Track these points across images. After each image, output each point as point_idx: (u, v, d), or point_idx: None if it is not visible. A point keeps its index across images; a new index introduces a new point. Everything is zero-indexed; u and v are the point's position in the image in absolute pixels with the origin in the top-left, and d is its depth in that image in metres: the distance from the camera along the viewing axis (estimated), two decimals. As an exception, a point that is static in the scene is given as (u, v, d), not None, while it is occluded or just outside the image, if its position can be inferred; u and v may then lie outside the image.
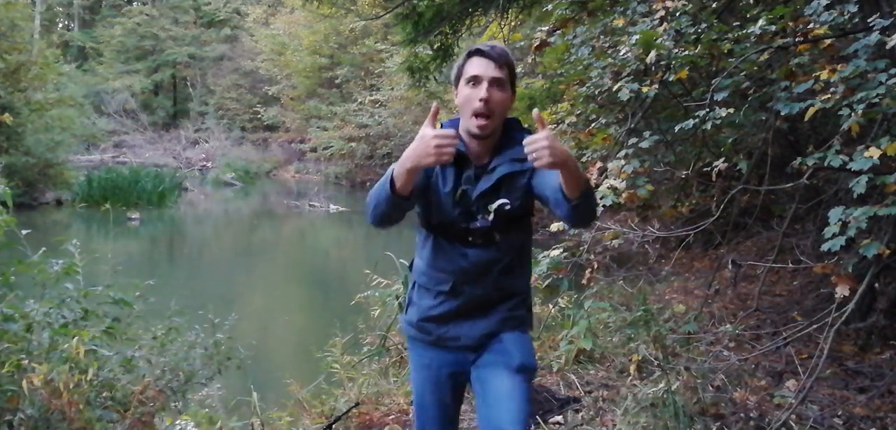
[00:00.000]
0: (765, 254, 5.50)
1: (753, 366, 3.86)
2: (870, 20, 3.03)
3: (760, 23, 3.44)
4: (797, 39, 3.39)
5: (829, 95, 2.95)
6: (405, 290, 4.54)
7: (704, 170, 4.27)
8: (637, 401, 3.31)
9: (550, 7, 5.33)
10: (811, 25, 3.30)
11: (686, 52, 3.74)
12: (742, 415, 3.27)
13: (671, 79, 3.86)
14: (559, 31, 5.02)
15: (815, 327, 3.55)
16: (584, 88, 4.81)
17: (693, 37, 3.75)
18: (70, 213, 15.46)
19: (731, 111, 3.51)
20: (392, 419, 3.58)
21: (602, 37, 4.62)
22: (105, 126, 27.86)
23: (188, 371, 3.27)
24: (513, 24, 7.67)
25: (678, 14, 3.88)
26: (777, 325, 4.40)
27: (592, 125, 4.76)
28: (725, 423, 3.20)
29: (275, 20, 31.18)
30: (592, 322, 4.32)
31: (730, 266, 5.52)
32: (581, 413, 3.42)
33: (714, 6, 4.23)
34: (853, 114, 2.79)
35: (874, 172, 2.71)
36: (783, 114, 3.28)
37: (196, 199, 20.52)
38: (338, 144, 25.20)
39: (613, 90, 4.07)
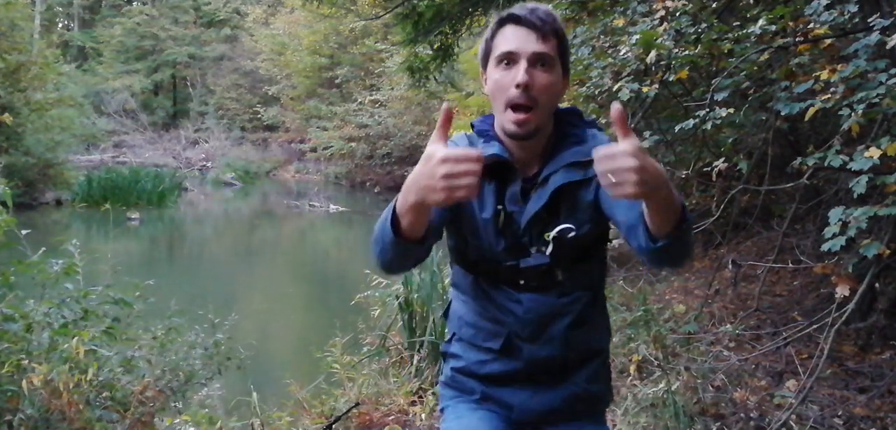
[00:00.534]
0: (765, 254, 5.49)
1: (753, 366, 3.86)
2: (870, 20, 3.03)
3: (760, 23, 3.43)
4: (797, 39, 3.39)
5: (830, 95, 2.94)
6: (407, 290, 4.55)
7: (704, 170, 4.26)
8: (637, 401, 3.31)
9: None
10: (811, 25, 3.30)
11: (686, 52, 3.74)
12: (742, 415, 3.26)
13: (671, 79, 3.86)
14: (559, 30, 5.01)
15: (816, 327, 3.55)
16: (585, 88, 4.81)
17: (693, 37, 3.75)
18: (70, 213, 15.46)
19: (732, 111, 3.51)
20: (392, 420, 3.58)
21: (602, 37, 4.62)
22: (105, 126, 27.85)
23: (188, 371, 3.27)
24: (513, 24, 7.65)
25: (678, 14, 3.88)
26: (777, 325, 4.39)
27: (593, 125, 4.75)
28: (725, 423, 3.20)
29: (275, 20, 31.19)
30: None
31: (730, 266, 5.51)
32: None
33: (714, 6, 4.23)
34: (853, 114, 2.79)
35: (874, 172, 2.71)
36: (783, 114, 3.28)
37: (196, 199, 20.52)
38: (338, 144, 25.19)
39: (613, 90, 4.07)
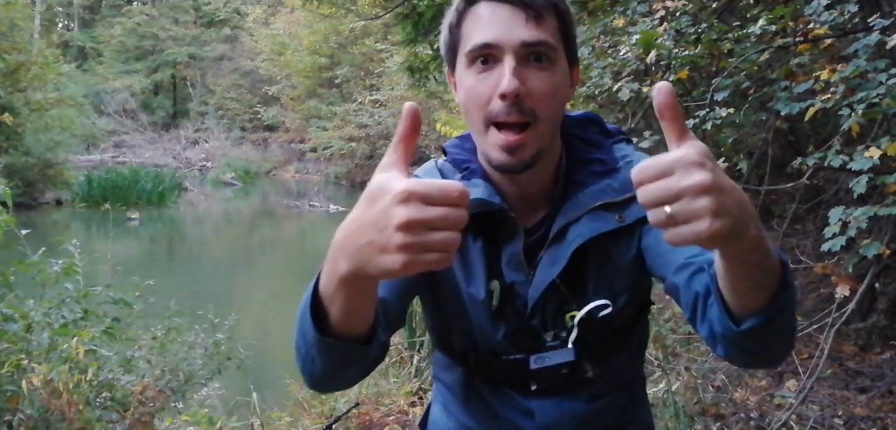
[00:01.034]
0: (765, 254, 5.50)
1: (753, 366, 3.86)
2: (870, 20, 3.03)
3: (761, 23, 3.43)
4: (797, 39, 3.39)
5: (830, 95, 2.94)
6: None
7: (704, 170, 4.26)
8: (637, 401, 3.31)
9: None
10: (811, 25, 3.30)
11: (686, 52, 3.74)
12: (742, 415, 3.27)
13: (671, 79, 3.85)
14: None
15: (816, 327, 3.55)
16: (584, 88, 4.80)
17: (693, 37, 3.75)
18: (70, 213, 15.46)
19: (732, 111, 3.51)
20: (392, 420, 3.58)
21: (602, 37, 4.61)
22: (105, 126, 27.87)
23: (188, 371, 3.28)
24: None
25: (678, 14, 3.88)
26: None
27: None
28: (726, 423, 3.20)
29: (275, 20, 31.20)
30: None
31: (730, 266, 5.51)
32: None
33: (714, 6, 4.23)
34: (853, 114, 2.79)
35: (874, 172, 2.71)
36: (783, 114, 3.28)
37: (196, 199, 20.52)
38: (338, 144, 25.20)
39: (613, 90, 4.07)
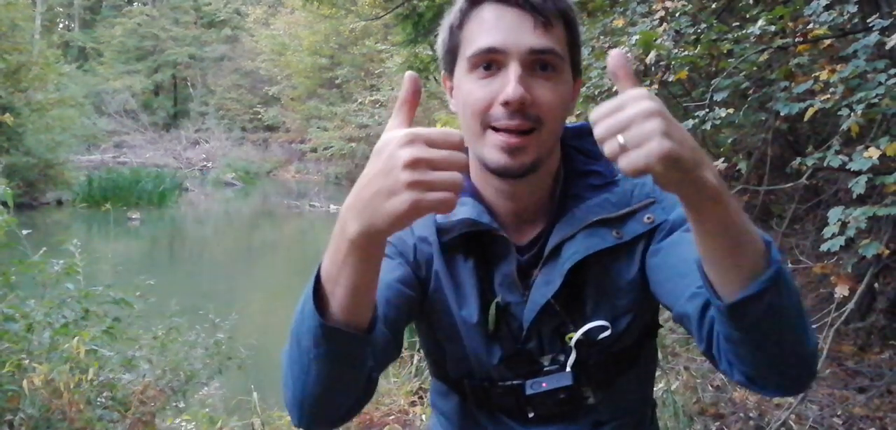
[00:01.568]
0: (765, 254, 5.50)
1: (753, 366, 3.86)
2: (869, 21, 3.04)
3: (760, 23, 3.44)
4: (797, 40, 3.39)
5: (829, 96, 2.95)
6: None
7: (704, 170, 4.26)
8: (637, 401, 3.31)
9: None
10: (811, 26, 3.30)
11: (686, 52, 3.74)
12: (741, 415, 3.27)
13: (671, 79, 3.86)
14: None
15: (815, 326, 3.55)
16: (584, 89, 4.81)
17: (693, 37, 3.75)
18: (70, 213, 15.47)
19: (731, 111, 3.52)
20: (392, 419, 3.58)
21: (602, 37, 4.62)
22: (105, 126, 27.89)
23: (189, 371, 3.29)
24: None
25: (678, 14, 3.89)
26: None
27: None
28: (725, 423, 3.21)
29: (275, 21, 31.21)
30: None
31: (730, 266, 5.52)
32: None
33: (713, 6, 4.23)
34: (852, 114, 2.79)
35: (873, 173, 2.71)
36: (783, 114, 3.28)
37: (196, 199, 20.53)
38: (338, 145, 25.21)
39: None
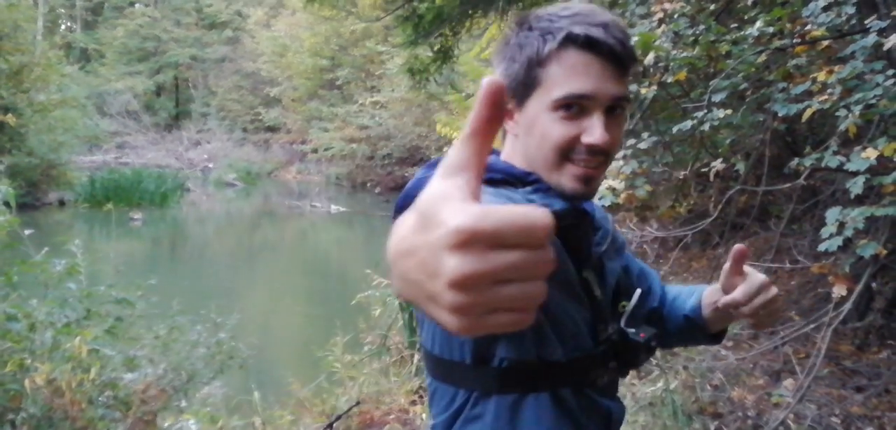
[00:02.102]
0: (762, 254, 5.50)
1: (751, 365, 3.87)
2: (867, 22, 3.05)
3: (758, 24, 3.45)
4: (795, 41, 3.41)
5: (827, 97, 2.96)
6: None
7: (702, 171, 4.28)
8: (636, 400, 3.33)
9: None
10: (809, 27, 3.32)
11: (684, 53, 3.76)
12: (740, 414, 3.28)
13: (669, 80, 3.88)
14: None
15: (813, 326, 3.57)
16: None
17: (691, 38, 3.77)
18: (73, 213, 15.49)
19: (729, 112, 3.53)
20: (393, 418, 3.60)
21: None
22: (107, 127, 27.90)
23: (190, 371, 3.30)
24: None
25: (676, 16, 3.91)
26: (775, 324, 4.41)
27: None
28: (723, 422, 3.22)
29: (276, 22, 31.23)
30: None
31: (729, 266, 5.51)
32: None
33: (712, 8, 4.25)
34: (850, 115, 2.81)
35: (871, 173, 2.73)
36: (781, 115, 3.30)
37: (198, 199, 20.55)
38: (339, 146, 25.22)
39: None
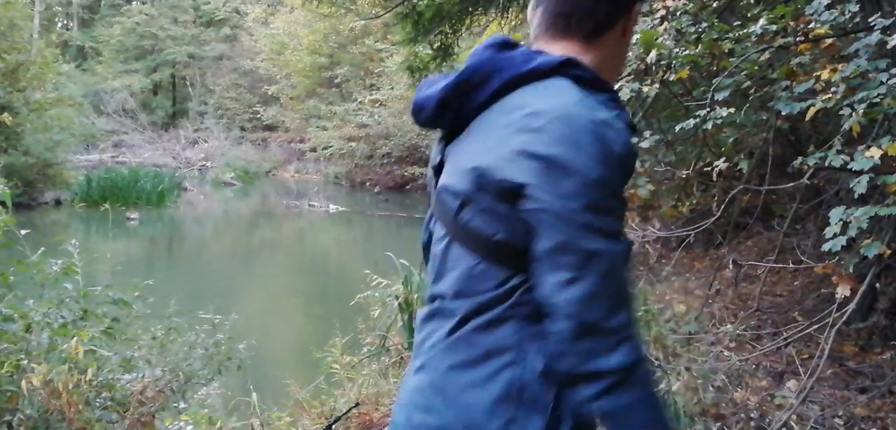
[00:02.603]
0: (766, 254, 5.49)
1: (754, 366, 3.85)
2: (871, 20, 3.03)
3: (761, 22, 3.43)
4: (798, 39, 3.38)
5: (830, 95, 2.94)
6: (407, 290, 4.53)
7: (705, 170, 4.26)
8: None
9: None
10: (812, 25, 3.29)
11: (687, 51, 3.73)
12: (743, 415, 3.26)
13: (672, 78, 3.85)
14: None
15: (816, 327, 3.54)
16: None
17: (694, 36, 3.74)
18: (69, 213, 15.44)
19: (732, 111, 3.51)
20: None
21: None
22: (104, 126, 27.82)
23: (188, 371, 3.27)
24: (513, 23, 7.66)
25: (679, 13, 3.88)
26: (778, 325, 4.39)
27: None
28: (726, 423, 3.19)
29: (274, 20, 31.17)
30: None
31: (730, 266, 5.50)
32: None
33: (715, 6, 4.22)
34: (854, 114, 2.78)
35: (875, 172, 2.70)
36: (784, 113, 3.27)
37: (195, 199, 20.50)
38: (337, 144, 25.18)
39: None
